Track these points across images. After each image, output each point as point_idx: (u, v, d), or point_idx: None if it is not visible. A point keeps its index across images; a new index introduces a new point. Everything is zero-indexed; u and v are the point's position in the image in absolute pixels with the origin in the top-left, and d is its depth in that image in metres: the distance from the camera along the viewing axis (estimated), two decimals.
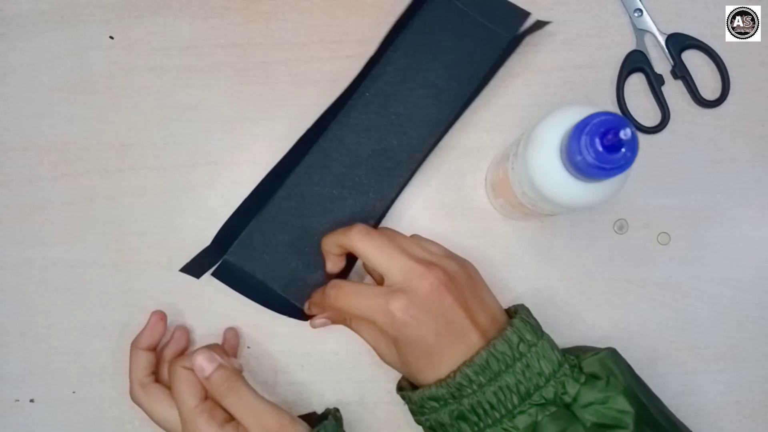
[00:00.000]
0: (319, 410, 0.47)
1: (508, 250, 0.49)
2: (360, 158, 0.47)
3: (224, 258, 0.46)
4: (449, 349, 0.38)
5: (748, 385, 0.48)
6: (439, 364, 0.39)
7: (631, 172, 0.35)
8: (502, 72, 0.50)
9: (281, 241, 0.47)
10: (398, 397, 0.48)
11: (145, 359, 0.45)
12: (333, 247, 0.44)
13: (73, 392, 0.49)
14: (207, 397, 0.41)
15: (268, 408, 0.40)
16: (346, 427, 0.47)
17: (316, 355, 0.49)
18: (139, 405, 0.44)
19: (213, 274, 0.47)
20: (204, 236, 0.49)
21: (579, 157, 0.33)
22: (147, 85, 0.50)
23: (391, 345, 0.40)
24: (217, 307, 0.49)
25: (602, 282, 0.49)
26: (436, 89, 0.47)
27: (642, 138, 0.49)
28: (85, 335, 0.49)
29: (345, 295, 0.41)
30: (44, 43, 0.51)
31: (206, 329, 0.49)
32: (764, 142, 0.49)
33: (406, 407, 0.48)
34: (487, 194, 0.49)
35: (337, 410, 0.46)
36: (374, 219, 0.48)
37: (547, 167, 0.36)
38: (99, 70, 0.51)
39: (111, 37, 0.51)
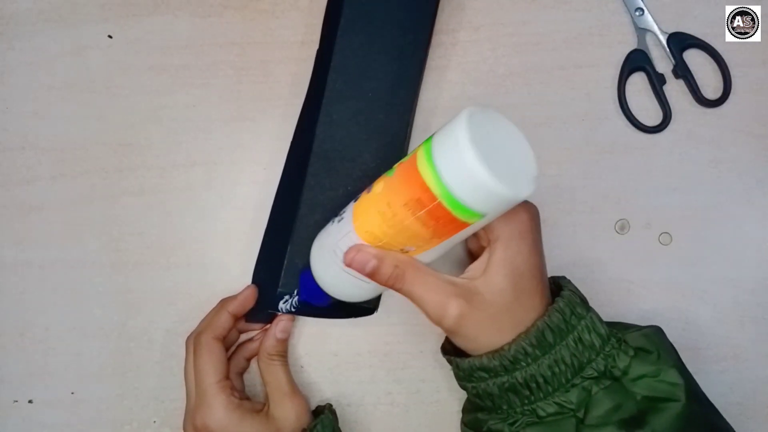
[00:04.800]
0: None
1: None
2: (358, 147, 0.47)
3: (278, 291, 0.46)
4: (520, 309, 0.37)
5: (750, 385, 0.48)
6: (502, 327, 0.37)
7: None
8: (503, 71, 0.50)
9: None
10: (398, 399, 0.48)
11: (225, 319, 0.45)
12: None
13: (72, 393, 0.49)
14: (227, 376, 0.44)
15: (297, 388, 0.46)
16: (345, 427, 0.47)
17: (316, 356, 0.49)
18: (186, 354, 0.45)
19: (271, 309, 0.47)
20: (203, 236, 0.49)
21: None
22: (146, 84, 0.50)
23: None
24: None
25: (603, 282, 0.49)
26: (396, 49, 0.47)
27: (643, 137, 0.49)
28: (83, 335, 0.49)
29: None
30: (42, 42, 0.50)
31: None
32: (766, 141, 0.49)
33: (405, 408, 0.48)
34: None
35: (330, 405, 0.46)
36: None
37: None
38: (97, 69, 0.50)
39: (109, 36, 0.51)
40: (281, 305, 0.46)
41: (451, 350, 0.41)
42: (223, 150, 0.50)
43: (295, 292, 0.46)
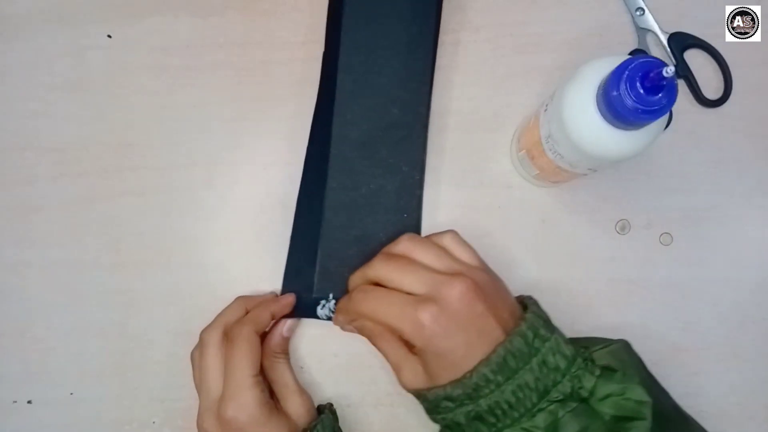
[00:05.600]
0: None
1: (510, 250, 0.49)
2: (375, 144, 0.47)
3: (314, 297, 0.46)
4: (477, 356, 0.37)
5: (750, 386, 0.48)
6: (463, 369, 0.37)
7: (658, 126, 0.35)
8: (503, 72, 0.50)
9: (351, 254, 0.46)
10: (398, 399, 0.48)
11: (266, 318, 0.45)
12: (360, 282, 0.43)
13: (71, 393, 0.49)
14: (261, 371, 0.43)
15: (300, 387, 0.46)
16: (346, 427, 0.47)
17: (316, 357, 0.49)
18: (203, 347, 0.44)
19: (309, 316, 0.47)
20: (203, 236, 0.49)
21: (615, 93, 0.32)
22: (146, 84, 0.50)
23: (417, 364, 0.39)
24: (216, 308, 0.48)
25: (604, 283, 0.49)
26: (402, 42, 0.47)
27: None
28: (83, 336, 0.49)
29: (372, 299, 0.40)
30: (42, 42, 0.50)
31: None
32: (766, 141, 0.49)
33: (405, 408, 0.48)
34: (511, 154, 0.49)
35: (330, 405, 0.46)
36: (419, 188, 0.48)
37: (581, 107, 0.35)
38: (97, 69, 0.50)
39: (109, 36, 0.51)
40: (319, 311, 0.46)
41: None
42: (223, 150, 0.50)
43: (331, 296, 0.46)
